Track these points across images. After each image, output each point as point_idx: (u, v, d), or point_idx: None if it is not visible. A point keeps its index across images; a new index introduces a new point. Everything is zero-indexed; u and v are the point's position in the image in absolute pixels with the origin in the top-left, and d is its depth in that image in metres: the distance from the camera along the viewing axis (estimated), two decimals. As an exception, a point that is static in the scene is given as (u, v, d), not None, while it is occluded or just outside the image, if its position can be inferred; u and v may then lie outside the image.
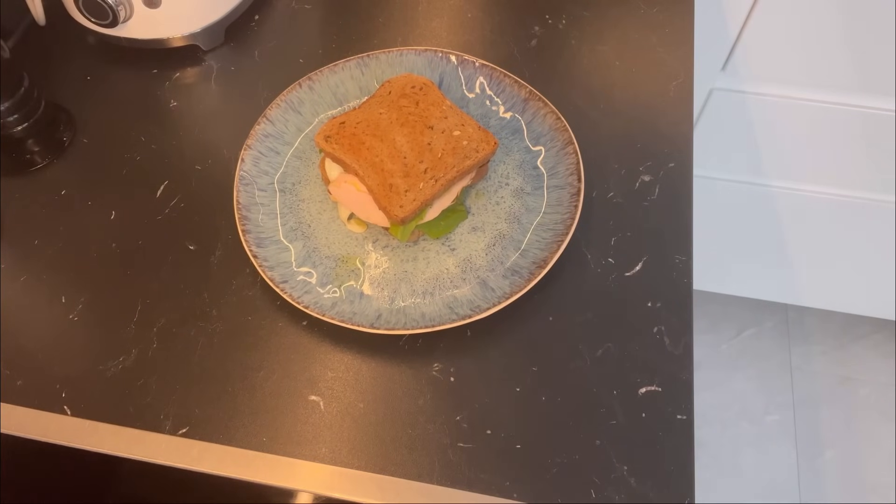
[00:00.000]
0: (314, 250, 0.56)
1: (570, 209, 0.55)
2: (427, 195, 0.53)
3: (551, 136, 0.59)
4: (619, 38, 0.69)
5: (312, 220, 0.57)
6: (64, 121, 0.64)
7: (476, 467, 0.47)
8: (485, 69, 0.63)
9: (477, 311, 0.51)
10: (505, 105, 0.62)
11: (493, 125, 0.61)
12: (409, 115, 0.57)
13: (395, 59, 0.64)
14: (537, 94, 0.60)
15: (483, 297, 0.52)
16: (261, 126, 0.60)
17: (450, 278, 0.54)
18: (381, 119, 0.56)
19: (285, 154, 0.60)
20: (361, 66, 0.64)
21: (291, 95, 0.62)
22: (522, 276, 0.53)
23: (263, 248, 0.55)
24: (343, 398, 0.50)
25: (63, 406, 0.50)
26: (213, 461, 0.48)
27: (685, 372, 0.50)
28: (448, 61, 0.63)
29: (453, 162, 0.54)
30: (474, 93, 0.63)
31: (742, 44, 0.88)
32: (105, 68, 0.68)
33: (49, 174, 0.61)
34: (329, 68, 0.63)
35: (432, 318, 0.51)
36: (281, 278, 0.53)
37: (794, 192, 1.07)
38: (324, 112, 0.63)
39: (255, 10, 0.72)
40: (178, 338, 0.53)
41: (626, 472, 0.47)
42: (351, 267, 0.55)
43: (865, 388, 1.37)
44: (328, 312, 0.51)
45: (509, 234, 0.56)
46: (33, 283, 0.56)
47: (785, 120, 0.96)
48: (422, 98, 0.58)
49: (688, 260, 0.55)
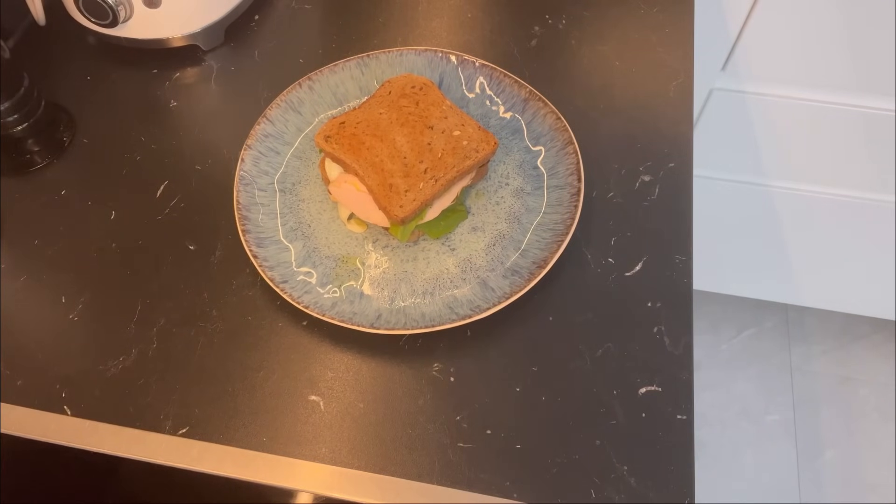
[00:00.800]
0: (314, 250, 0.56)
1: (570, 209, 0.55)
2: (427, 195, 0.53)
3: (551, 136, 0.59)
4: (619, 38, 0.69)
5: (312, 220, 0.57)
6: (64, 121, 0.64)
7: (476, 467, 0.47)
8: (485, 69, 0.63)
9: (477, 311, 0.51)
10: (505, 105, 0.62)
11: (493, 125, 0.61)
12: (409, 115, 0.57)
13: (395, 59, 0.64)
14: (537, 94, 0.60)
15: (483, 297, 0.52)
16: (261, 126, 0.60)
17: (450, 278, 0.54)
18: (382, 119, 0.56)
19: (285, 154, 0.60)
20: (361, 66, 0.64)
21: (291, 95, 0.62)
22: (522, 276, 0.53)
23: (263, 248, 0.55)
24: (343, 398, 0.50)
25: (63, 406, 0.50)
26: (213, 461, 0.48)
27: (685, 372, 0.50)
28: (448, 61, 0.63)
29: (453, 162, 0.54)
30: (474, 93, 0.63)
31: (742, 44, 0.88)
32: (105, 68, 0.68)
33: (49, 174, 0.61)
34: (329, 68, 0.63)
35: (432, 319, 0.51)
36: (281, 278, 0.53)
37: (794, 192, 1.07)
38: (324, 112, 0.63)
39: (255, 10, 0.72)
40: (178, 338, 0.53)
41: (626, 472, 0.47)
42: (351, 267, 0.55)
43: (865, 388, 1.37)
44: (328, 312, 0.51)
45: (509, 234, 0.56)
46: (33, 283, 0.56)
47: (785, 120, 0.96)
48: (422, 98, 0.58)
49: (688, 260, 0.55)
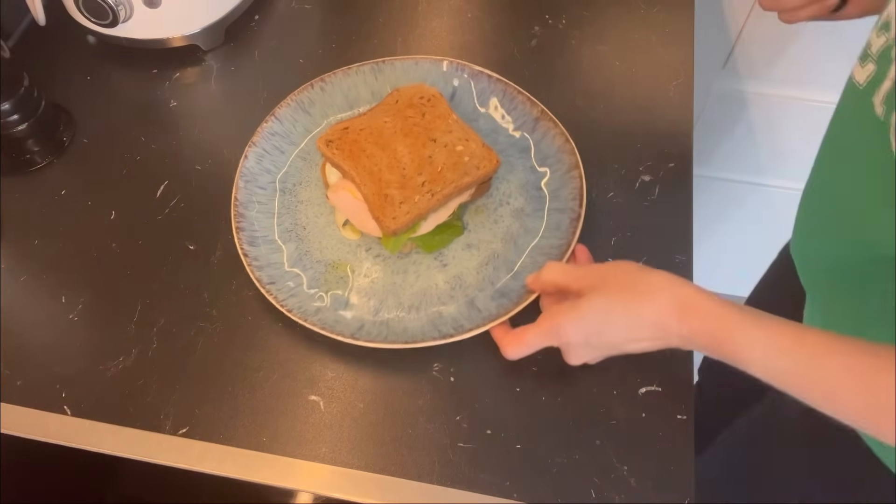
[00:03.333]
0: (306, 253, 0.55)
1: (567, 234, 0.54)
2: (422, 209, 0.52)
3: (558, 158, 0.58)
4: (620, 38, 0.69)
5: (308, 222, 0.57)
6: (64, 121, 0.64)
7: (476, 467, 0.47)
8: (499, 84, 0.61)
9: (460, 330, 0.50)
10: (515, 123, 0.61)
11: (501, 142, 0.60)
12: (413, 125, 0.56)
13: (411, 67, 0.63)
14: (549, 115, 0.59)
15: (468, 317, 0.51)
16: (268, 124, 0.60)
17: (438, 294, 0.53)
18: (385, 127, 0.56)
19: (290, 154, 0.60)
20: (375, 72, 0.63)
21: (302, 95, 0.61)
22: (511, 300, 0.52)
23: (255, 246, 0.54)
24: (343, 398, 0.50)
25: (63, 406, 0.50)
26: (213, 461, 0.48)
27: (685, 372, 0.50)
28: (462, 73, 0.62)
29: (452, 177, 0.53)
30: (486, 108, 0.62)
31: (742, 44, 0.88)
32: (105, 68, 0.68)
33: (49, 174, 0.61)
34: (343, 71, 0.63)
35: (414, 335, 0.51)
36: (269, 279, 0.53)
37: (795, 192, 1.07)
38: (333, 115, 0.62)
39: (255, 10, 0.72)
40: (178, 338, 0.53)
41: (626, 472, 0.47)
42: (340, 273, 0.54)
43: (865, 388, 1.37)
44: (311, 318, 0.51)
45: (503, 255, 0.55)
46: (33, 283, 0.56)
47: (785, 120, 0.96)
48: (428, 109, 0.57)
49: (688, 260, 0.55)
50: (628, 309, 0.43)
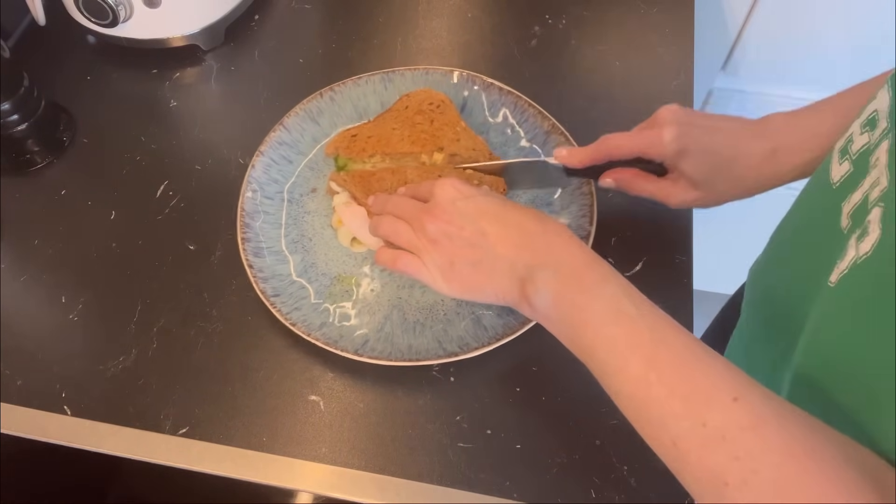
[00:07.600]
0: (312, 265, 0.55)
1: None
2: None
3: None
4: (620, 37, 0.69)
5: (315, 233, 0.56)
6: (64, 121, 0.64)
7: (476, 467, 0.47)
8: (510, 96, 0.61)
9: (465, 349, 0.50)
10: (526, 135, 0.60)
11: (511, 154, 0.59)
12: (421, 132, 0.56)
13: (421, 77, 0.62)
14: (560, 128, 0.59)
15: (474, 336, 0.51)
16: (276, 133, 0.59)
17: (444, 311, 0.52)
18: (393, 135, 0.55)
19: (298, 164, 0.59)
20: (385, 82, 0.62)
21: (311, 104, 0.61)
22: (518, 318, 0.51)
23: (260, 258, 0.54)
24: (343, 398, 0.50)
25: (63, 406, 0.50)
26: (213, 461, 0.48)
27: (685, 372, 0.50)
28: (473, 84, 0.62)
29: None
30: (496, 119, 0.61)
31: (742, 44, 0.88)
32: (105, 68, 0.68)
33: (49, 174, 0.61)
34: (353, 80, 0.62)
35: (418, 352, 0.50)
36: (273, 291, 0.52)
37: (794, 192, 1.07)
38: (343, 125, 0.61)
39: (255, 10, 0.72)
40: (178, 338, 0.53)
41: (626, 472, 0.47)
42: (346, 287, 0.54)
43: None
44: (314, 332, 0.50)
45: None
46: (33, 283, 0.56)
47: (785, 120, 0.96)
48: (437, 116, 0.57)
49: (688, 260, 0.55)
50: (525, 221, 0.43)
